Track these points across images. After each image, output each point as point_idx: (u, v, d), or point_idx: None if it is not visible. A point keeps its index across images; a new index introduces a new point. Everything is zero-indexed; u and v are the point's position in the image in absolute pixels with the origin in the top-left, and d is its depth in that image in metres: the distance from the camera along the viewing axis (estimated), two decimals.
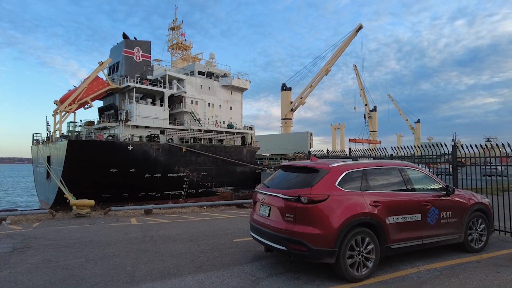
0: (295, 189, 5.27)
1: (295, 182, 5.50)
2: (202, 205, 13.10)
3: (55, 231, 8.59)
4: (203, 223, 9.85)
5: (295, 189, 5.30)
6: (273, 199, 5.47)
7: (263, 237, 5.54)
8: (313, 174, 5.41)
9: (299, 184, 5.37)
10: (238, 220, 10.37)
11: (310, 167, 5.60)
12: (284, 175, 6.04)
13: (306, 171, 5.61)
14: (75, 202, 10.93)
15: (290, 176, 5.82)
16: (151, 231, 8.58)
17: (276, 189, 5.59)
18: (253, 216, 6.17)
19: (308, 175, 5.47)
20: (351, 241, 5.12)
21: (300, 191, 5.16)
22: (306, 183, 5.31)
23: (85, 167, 31.21)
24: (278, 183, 5.80)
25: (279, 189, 5.50)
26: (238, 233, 8.36)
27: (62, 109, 35.67)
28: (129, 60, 41.33)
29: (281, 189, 5.47)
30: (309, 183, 5.26)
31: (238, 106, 50.35)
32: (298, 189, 5.23)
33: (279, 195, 5.34)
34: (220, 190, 41.88)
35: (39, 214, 10.79)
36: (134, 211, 12.11)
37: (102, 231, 8.63)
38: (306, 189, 5.16)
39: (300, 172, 5.73)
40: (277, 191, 5.48)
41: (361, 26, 75.96)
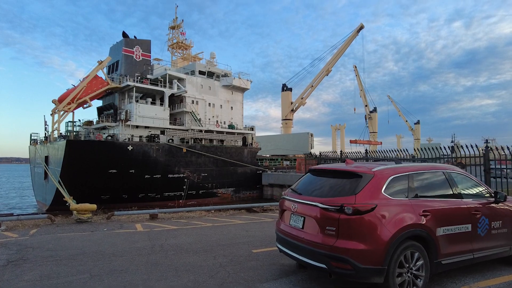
0: (335, 197, 4.56)
1: (333, 189, 4.78)
2: (210, 209, 12.39)
3: (54, 239, 7.83)
4: (215, 230, 9.11)
5: (335, 197, 4.59)
6: (309, 208, 4.75)
7: (296, 252, 4.83)
8: (355, 180, 4.69)
9: (339, 192, 4.66)
10: (252, 226, 9.64)
11: (350, 172, 4.88)
12: (315, 180, 5.32)
13: (345, 176, 4.89)
14: (76, 206, 10.17)
15: (324, 182, 5.10)
16: (159, 240, 7.84)
17: (311, 196, 4.87)
18: (280, 226, 5.45)
19: (349, 181, 4.75)
20: (400, 257, 4.43)
21: (342, 200, 4.45)
22: (348, 190, 4.60)
23: (84, 168, 30.72)
24: (312, 189, 5.08)
25: (315, 197, 4.78)
26: (255, 242, 7.62)
27: (60, 108, 35.07)
28: (129, 59, 40.76)
29: (317, 197, 4.75)
30: (352, 190, 4.55)
31: (239, 106, 49.80)
32: (339, 198, 4.52)
33: (316, 204, 4.62)
34: (221, 192, 41.33)
35: (36, 220, 10.03)
36: (138, 215, 11.34)
37: (106, 239, 7.87)
38: (349, 197, 4.45)
39: (337, 177, 5.01)
40: (313, 199, 4.76)
41: (362, 26, 75.45)
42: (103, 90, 37.59)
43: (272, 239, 7.90)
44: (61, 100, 35.44)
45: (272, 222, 10.44)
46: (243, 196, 43.48)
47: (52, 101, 35.99)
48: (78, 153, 30.74)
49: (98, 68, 36.88)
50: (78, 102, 35.94)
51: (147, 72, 41.45)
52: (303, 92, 78.67)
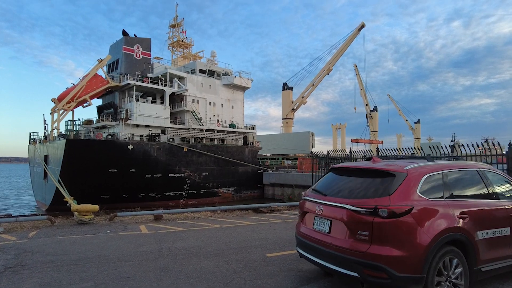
0: (367, 199, 4.13)
1: (363, 190, 4.35)
2: (216, 209, 11.96)
3: (55, 242, 7.38)
4: (223, 232, 8.66)
5: (366, 198, 4.16)
6: (336, 210, 4.32)
7: (322, 258, 4.39)
8: (387, 179, 4.26)
9: (370, 192, 4.23)
10: (262, 228, 9.19)
11: (381, 170, 4.45)
12: (339, 179, 4.89)
13: (375, 175, 4.46)
14: (77, 207, 9.72)
15: (350, 182, 4.66)
16: (166, 243, 7.39)
17: (338, 197, 4.43)
18: (300, 229, 5.02)
19: (380, 181, 4.32)
20: (439, 264, 4.01)
21: (375, 202, 4.02)
22: (380, 191, 4.17)
23: (84, 167, 30.39)
24: (337, 190, 4.64)
25: (344, 198, 4.34)
26: (268, 245, 7.19)
27: (60, 107, 34.66)
28: (129, 57, 40.37)
29: (346, 198, 4.32)
30: (385, 191, 4.12)
31: (239, 105, 49.43)
32: (372, 199, 4.09)
33: (346, 206, 4.19)
34: (222, 191, 41.01)
35: (36, 221, 9.58)
36: (142, 216, 10.88)
37: (110, 242, 7.42)
38: (383, 198, 4.02)
39: (366, 176, 4.57)
40: (341, 200, 4.32)
41: (363, 25, 75.03)
42: (103, 89, 37.23)
43: (285, 242, 7.49)
44: (60, 98, 35.01)
45: (282, 223, 10.02)
46: (244, 195, 43.17)
47: (52, 99, 35.56)
48: (78, 152, 30.42)
49: (98, 66, 36.47)
50: (77, 101, 35.56)
51: (148, 70, 41.04)
52: (303, 91, 78.26)
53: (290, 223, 10.04)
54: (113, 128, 36.92)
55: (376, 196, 4.11)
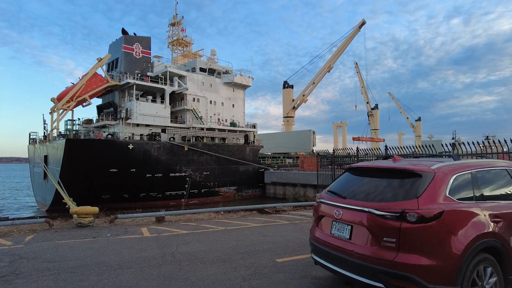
0: (393, 202, 3.75)
1: (387, 192, 3.97)
2: (219, 210, 11.58)
3: (52, 247, 6.99)
4: (229, 234, 8.28)
5: (391, 201, 3.78)
6: (358, 215, 3.94)
7: (341, 267, 4.02)
8: (413, 180, 3.89)
9: (395, 195, 3.85)
10: (268, 230, 8.81)
11: (405, 170, 4.07)
12: (357, 180, 4.51)
13: (399, 176, 4.07)
14: (76, 209, 9.34)
15: (371, 183, 4.29)
16: (170, 247, 7.01)
17: (359, 200, 4.05)
18: (315, 234, 4.65)
19: (405, 182, 3.95)
20: (473, 273, 3.63)
21: (402, 205, 3.64)
22: (406, 193, 3.79)
23: (84, 167, 30.16)
24: (357, 192, 4.26)
25: (366, 201, 3.97)
26: (278, 250, 6.81)
27: (59, 106, 34.39)
28: (129, 56, 40.02)
29: (369, 201, 3.94)
30: (412, 192, 3.75)
31: (240, 104, 49.10)
32: (398, 202, 3.72)
33: (369, 210, 3.81)
34: (223, 190, 40.72)
35: (33, 224, 9.20)
36: (143, 218, 10.50)
37: (111, 247, 7.05)
38: (410, 201, 3.65)
39: (387, 176, 4.19)
40: (363, 204, 3.94)
41: (364, 22, 74.62)
42: (102, 88, 36.98)
43: (295, 246, 7.13)
44: (60, 98, 34.73)
45: (289, 225, 9.65)
46: (246, 194, 42.89)
47: (51, 99, 35.26)
48: (78, 152, 30.18)
49: (98, 65, 36.14)
50: (77, 100, 35.31)
51: (147, 69, 40.68)
52: (304, 89, 77.99)
53: (297, 224, 9.67)
54: (113, 127, 36.68)
55: (402, 198, 3.73)
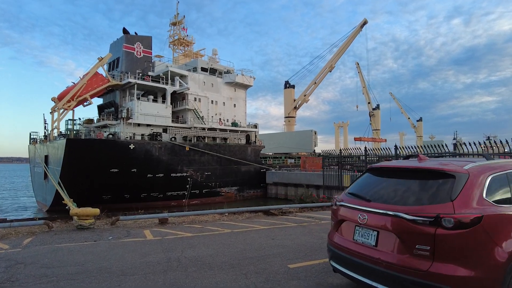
0: (425, 206, 3.41)
1: (417, 194, 3.62)
2: (224, 212, 11.24)
3: (51, 251, 6.65)
4: (236, 237, 7.93)
5: (423, 205, 3.44)
6: (385, 220, 3.59)
7: (366, 276, 3.68)
8: (445, 182, 3.54)
9: (427, 197, 3.51)
10: (277, 233, 8.46)
11: (435, 170, 3.72)
12: (380, 182, 4.17)
13: (428, 177, 3.73)
14: (77, 211, 9.00)
15: (398, 185, 3.94)
16: (175, 251, 6.67)
17: (386, 204, 3.70)
18: (334, 239, 4.31)
19: (435, 183, 3.60)
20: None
21: (435, 209, 3.30)
22: (439, 195, 3.45)
23: (85, 167, 29.93)
24: (383, 194, 3.92)
25: (394, 205, 3.62)
26: (288, 254, 6.47)
27: (60, 106, 34.12)
28: (130, 55, 39.76)
29: (397, 205, 3.59)
30: (445, 195, 3.41)
31: (242, 104, 48.83)
32: (431, 206, 3.37)
33: (399, 214, 3.46)
34: (225, 191, 40.46)
35: (32, 226, 8.85)
36: (146, 220, 10.16)
37: (112, 251, 6.70)
38: (445, 205, 3.31)
39: (416, 177, 3.84)
40: (391, 207, 3.59)
41: (365, 21, 74.26)
42: (103, 88, 36.73)
43: (306, 250, 6.78)
44: (60, 97, 34.48)
45: (297, 227, 9.30)
46: (247, 195, 42.62)
47: (52, 99, 35.00)
48: (79, 152, 29.94)
49: (99, 65, 35.87)
50: (78, 100, 35.05)
51: (149, 69, 40.43)
52: (306, 89, 77.73)
53: (306, 227, 9.33)
54: (114, 127, 36.43)
55: (436, 202, 3.39)
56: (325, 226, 9.36)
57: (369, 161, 14.21)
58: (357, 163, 15.34)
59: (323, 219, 10.56)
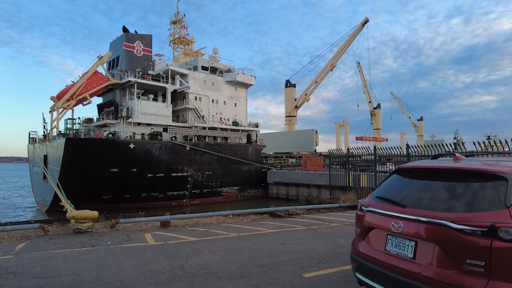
0: (474, 213, 2.93)
1: (460, 199, 3.14)
2: (228, 214, 10.76)
3: (45, 259, 6.15)
4: (243, 242, 7.43)
5: (471, 211, 2.95)
6: (425, 228, 3.11)
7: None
8: (494, 185, 3.06)
9: (475, 203, 3.02)
10: (286, 237, 7.96)
11: (482, 172, 3.23)
12: (415, 184, 3.68)
13: (472, 179, 3.24)
14: (74, 214, 8.50)
15: (434, 187, 3.46)
16: (179, 258, 6.19)
17: (426, 210, 3.21)
18: (359, 248, 3.83)
19: (482, 186, 3.12)
20: None
21: (488, 217, 2.82)
22: (488, 200, 2.98)
23: (84, 167, 29.55)
24: (420, 199, 3.43)
25: (436, 211, 3.13)
26: (301, 261, 5.98)
27: (59, 105, 33.72)
28: (130, 54, 39.36)
29: (440, 211, 3.11)
30: (497, 201, 2.93)
31: (243, 103, 48.41)
32: (481, 213, 2.89)
33: (443, 222, 2.98)
34: (225, 190, 40.08)
35: (26, 230, 8.37)
36: (147, 223, 9.67)
37: (111, 258, 6.21)
38: (499, 212, 2.83)
39: (455, 180, 3.35)
40: (433, 214, 3.10)
41: (367, 20, 73.79)
42: (103, 87, 36.36)
43: (320, 256, 6.30)
44: (60, 96, 34.07)
45: (307, 231, 8.81)
46: (248, 195, 42.24)
47: (51, 98, 34.58)
48: (78, 151, 29.58)
49: (98, 63, 35.45)
50: (77, 99, 34.66)
51: (149, 67, 40.00)
52: (307, 88, 77.35)
53: (316, 230, 8.84)
54: (114, 126, 36.06)
55: (487, 208, 2.91)
56: (336, 230, 8.89)
57: (374, 161, 13.79)
58: (365, 163, 14.89)
59: (332, 222, 10.08)
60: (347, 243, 7.29)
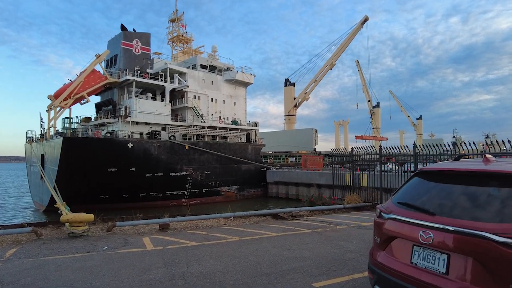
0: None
1: (502, 207, 2.77)
2: (229, 216, 10.40)
3: (36, 267, 5.75)
4: (247, 247, 7.05)
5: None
6: (461, 240, 2.75)
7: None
8: None
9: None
10: (291, 241, 7.58)
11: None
12: (443, 189, 3.31)
13: (508, 184, 2.87)
14: (68, 217, 8.09)
15: (465, 192, 3.09)
16: (179, 265, 5.81)
17: (460, 219, 2.85)
18: (378, 258, 3.47)
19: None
20: None
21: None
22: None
23: (82, 166, 29.18)
24: (450, 205, 3.06)
25: (473, 221, 2.77)
26: (309, 269, 5.61)
27: (56, 104, 33.30)
28: (128, 52, 38.96)
29: (477, 221, 2.74)
30: None
31: (242, 102, 48.08)
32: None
33: (483, 234, 2.62)
34: (225, 190, 39.75)
35: (18, 235, 7.96)
36: (145, 226, 9.30)
37: (107, 265, 5.82)
38: None
39: (490, 184, 2.99)
40: (470, 224, 2.74)
41: (367, 18, 73.45)
42: (101, 85, 36.00)
43: (329, 263, 5.94)
44: (57, 95, 33.70)
45: (312, 234, 8.45)
46: (248, 194, 41.95)
47: (48, 96, 34.21)
48: (76, 151, 29.21)
49: (96, 62, 35.04)
50: (75, 98, 34.29)
51: (147, 66, 39.59)
52: (306, 86, 77.08)
53: (321, 234, 8.46)
54: (112, 125, 35.72)
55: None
56: (343, 233, 8.53)
57: (386, 161, 13.47)
58: (370, 163, 14.55)
59: (338, 224, 9.72)
60: (355, 248, 6.93)
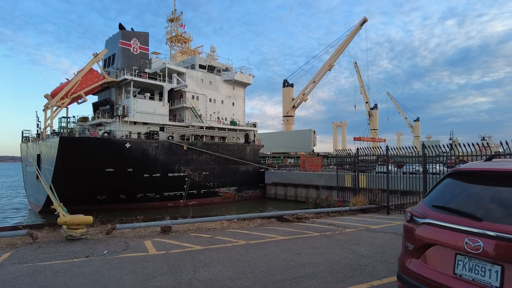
0: None
1: None
2: (232, 218, 10.05)
3: (31, 273, 5.35)
4: (255, 251, 6.69)
5: None
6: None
7: None
8: None
9: None
10: (300, 245, 7.23)
11: None
12: (482, 191, 3.00)
13: None
14: (66, 219, 7.70)
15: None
16: (185, 271, 5.45)
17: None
18: (410, 266, 3.15)
19: None
20: None
21: None
22: None
23: (79, 167, 28.82)
24: (500, 210, 2.74)
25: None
26: (324, 276, 5.27)
27: (53, 103, 32.92)
28: (126, 52, 38.60)
29: None
30: None
31: (240, 102, 47.85)
32: None
33: None
34: (223, 191, 39.53)
35: (12, 238, 7.56)
36: (146, 229, 8.92)
37: (108, 272, 5.44)
38: None
39: None
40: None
41: (365, 20, 73.39)
42: (98, 85, 35.63)
43: (344, 269, 5.60)
44: (54, 94, 33.29)
45: (321, 237, 8.11)
46: (246, 195, 41.70)
47: (45, 95, 33.78)
48: (72, 151, 28.87)
49: (94, 61, 34.67)
50: (72, 97, 33.91)
51: (145, 65, 39.24)
52: (304, 88, 77.00)
53: (331, 237, 8.11)
54: (110, 125, 35.39)
55: None
56: (353, 236, 8.20)
57: (393, 162, 13.20)
58: (374, 164, 14.27)
59: (346, 227, 9.39)
60: (368, 252, 6.61)
